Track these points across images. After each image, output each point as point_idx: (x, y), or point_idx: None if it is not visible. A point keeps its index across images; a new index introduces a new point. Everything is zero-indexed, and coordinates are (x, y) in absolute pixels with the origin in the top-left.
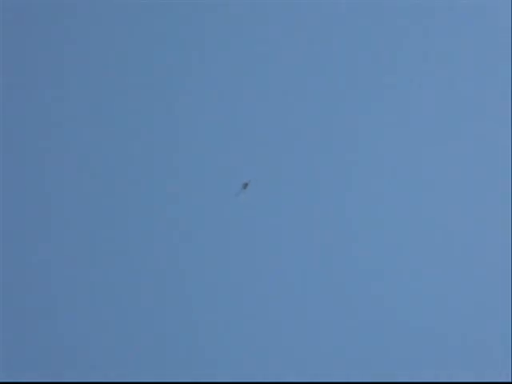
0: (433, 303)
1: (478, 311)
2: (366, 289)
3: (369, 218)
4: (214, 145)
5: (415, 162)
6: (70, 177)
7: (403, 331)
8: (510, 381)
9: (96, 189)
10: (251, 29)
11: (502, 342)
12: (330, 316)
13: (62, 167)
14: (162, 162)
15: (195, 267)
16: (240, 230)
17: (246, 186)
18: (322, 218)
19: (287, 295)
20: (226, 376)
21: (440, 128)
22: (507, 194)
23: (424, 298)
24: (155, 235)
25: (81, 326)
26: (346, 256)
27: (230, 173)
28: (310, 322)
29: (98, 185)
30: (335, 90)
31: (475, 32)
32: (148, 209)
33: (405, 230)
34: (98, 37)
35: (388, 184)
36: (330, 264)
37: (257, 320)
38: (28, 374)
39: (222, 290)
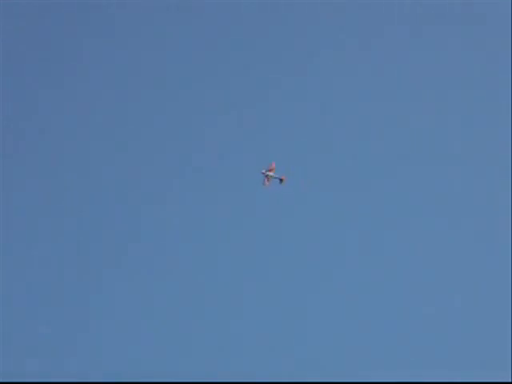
0: (433, 303)
1: (478, 312)
2: (368, 290)
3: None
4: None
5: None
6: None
7: (404, 331)
8: (510, 381)
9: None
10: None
11: (502, 341)
12: (331, 317)
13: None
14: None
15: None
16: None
17: (281, 181)
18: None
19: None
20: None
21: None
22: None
23: (424, 297)
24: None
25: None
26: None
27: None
28: (311, 322)
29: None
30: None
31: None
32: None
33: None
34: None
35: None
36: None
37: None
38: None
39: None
